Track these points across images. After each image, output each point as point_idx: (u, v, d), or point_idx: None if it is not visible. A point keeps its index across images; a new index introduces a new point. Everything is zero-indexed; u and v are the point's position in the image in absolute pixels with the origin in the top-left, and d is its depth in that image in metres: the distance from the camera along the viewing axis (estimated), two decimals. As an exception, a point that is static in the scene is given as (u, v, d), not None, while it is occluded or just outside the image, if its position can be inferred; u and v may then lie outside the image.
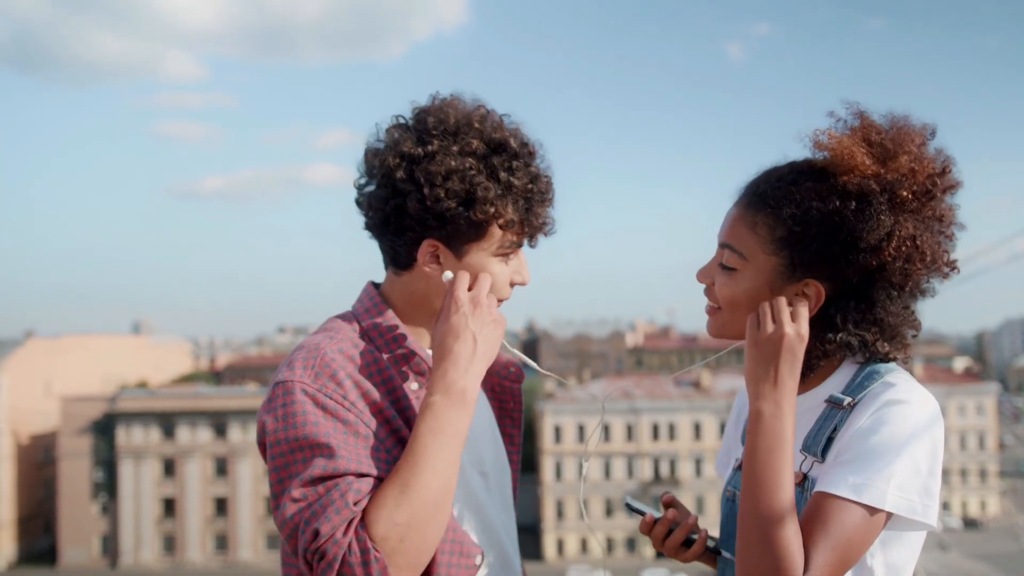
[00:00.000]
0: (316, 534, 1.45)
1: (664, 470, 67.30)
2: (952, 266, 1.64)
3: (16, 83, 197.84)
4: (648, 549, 65.01)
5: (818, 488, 1.50)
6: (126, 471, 65.25)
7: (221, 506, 65.86)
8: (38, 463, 71.52)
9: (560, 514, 66.68)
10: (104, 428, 65.74)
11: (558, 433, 67.42)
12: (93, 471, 66.19)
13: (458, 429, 1.57)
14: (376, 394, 1.63)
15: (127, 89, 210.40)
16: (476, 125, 1.67)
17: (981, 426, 74.59)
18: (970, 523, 72.64)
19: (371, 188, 1.71)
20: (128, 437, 65.39)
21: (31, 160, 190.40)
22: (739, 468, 1.78)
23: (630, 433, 68.00)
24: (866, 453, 1.49)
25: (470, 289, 1.69)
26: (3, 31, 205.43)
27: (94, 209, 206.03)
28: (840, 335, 1.62)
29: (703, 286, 1.77)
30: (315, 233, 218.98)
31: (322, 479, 1.50)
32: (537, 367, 2.01)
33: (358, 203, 1.75)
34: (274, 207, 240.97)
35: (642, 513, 1.78)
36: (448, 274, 1.68)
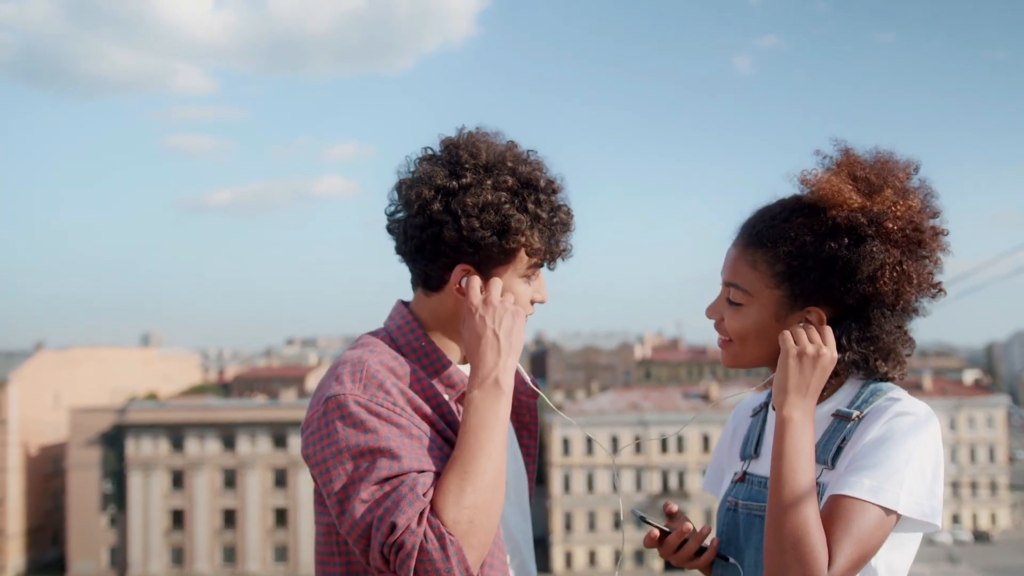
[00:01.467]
0: (393, 527, 1.55)
1: (673, 482, 67.25)
2: (938, 287, 1.78)
3: (28, 97, 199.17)
4: (656, 562, 64.88)
5: (836, 492, 1.62)
6: (135, 483, 65.44)
7: (229, 518, 65.98)
8: (47, 474, 71.80)
9: (568, 527, 66.57)
10: (113, 440, 65.97)
11: (566, 446, 67.40)
12: (102, 483, 66.42)
13: (499, 416, 1.70)
14: (419, 401, 1.74)
15: (138, 102, 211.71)
16: (509, 163, 1.81)
17: (991, 439, 74.36)
18: (980, 536, 72.31)
19: (403, 216, 1.83)
20: (137, 449, 65.61)
21: (43, 173, 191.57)
22: (740, 480, 1.90)
23: (638, 445, 67.96)
24: (880, 460, 1.62)
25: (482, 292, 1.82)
26: (16, 45, 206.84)
27: (104, 221, 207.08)
28: (847, 354, 1.74)
29: (712, 298, 1.90)
30: (323, 245, 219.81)
31: (388, 479, 1.60)
32: (544, 397, 2.08)
33: (390, 230, 1.88)
34: (283, 219, 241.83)
35: (653, 526, 1.87)
36: (464, 280, 1.81)
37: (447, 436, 1.75)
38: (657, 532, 1.86)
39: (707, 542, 1.85)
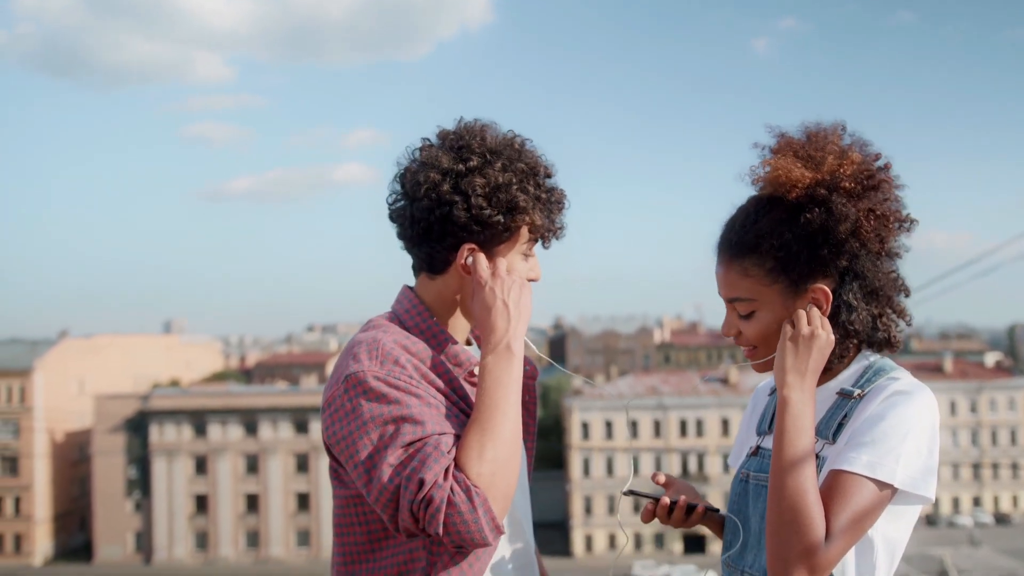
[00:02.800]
0: (421, 483, 1.64)
1: (692, 466, 67.22)
2: (910, 219, 1.87)
3: (48, 87, 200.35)
4: (676, 545, 64.96)
5: (835, 467, 1.71)
6: (159, 468, 66.13)
7: (252, 503, 66.58)
8: (73, 461, 72.58)
9: (588, 510, 66.70)
10: (137, 426, 66.63)
11: (586, 429, 67.46)
12: (127, 468, 67.15)
13: (513, 377, 1.82)
14: (432, 375, 1.85)
15: (157, 92, 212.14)
16: (516, 147, 1.95)
17: (1013, 421, 73.81)
18: (1001, 519, 71.96)
19: (406, 202, 1.94)
20: (161, 435, 66.28)
21: (64, 164, 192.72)
22: (754, 454, 2.00)
23: (658, 429, 67.97)
24: (878, 436, 1.70)
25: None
26: (35, 36, 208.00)
27: (126, 211, 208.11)
28: (855, 314, 1.83)
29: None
30: (343, 232, 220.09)
31: (412, 443, 1.70)
32: (560, 367, 2.28)
33: (392, 219, 1.98)
34: (303, 207, 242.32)
35: (643, 495, 2.00)
36: (469, 258, 1.92)
37: (461, 407, 1.86)
38: (651, 504, 1.99)
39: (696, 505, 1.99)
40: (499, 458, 1.71)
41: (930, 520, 71.55)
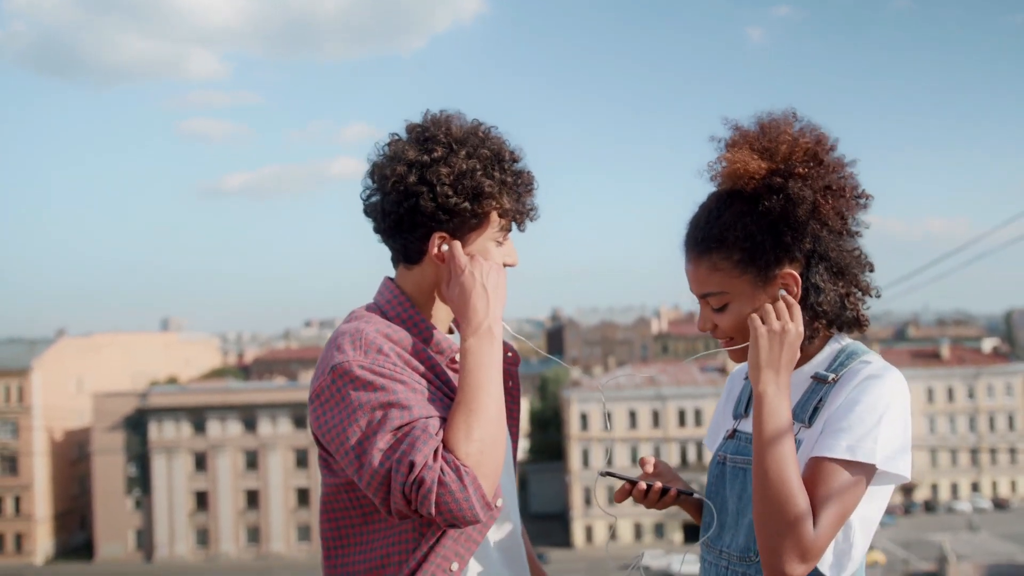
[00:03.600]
0: (411, 466, 1.67)
1: (691, 455, 67.35)
2: (865, 196, 1.92)
3: (43, 85, 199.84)
4: (676, 535, 65.12)
5: (816, 454, 1.76)
6: (159, 466, 66.17)
7: (252, 499, 66.68)
8: (72, 459, 72.56)
9: (588, 501, 66.81)
10: (136, 424, 66.62)
11: (584, 421, 67.56)
12: (126, 466, 67.15)
13: (494, 359, 1.85)
14: (416, 362, 1.89)
15: (152, 89, 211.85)
16: (480, 135, 1.98)
17: (1010, 406, 74.02)
18: (1000, 504, 72.21)
19: (379, 197, 1.98)
20: (160, 432, 66.29)
21: (60, 162, 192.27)
22: (730, 437, 2.05)
23: (656, 419, 68.08)
24: (854, 421, 1.75)
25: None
26: (29, 34, 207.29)
27: (122, 209, 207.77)
28: (823, 295, 1.87)
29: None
30: (339, 227, 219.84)
31: (401, 427, 1.73)
32: (548, 355, 2.31)
33: (367, 213, 2.02)
34: (299, 202, 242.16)
35: (619, 477, 2.01)
36: (444, 246, 1.95)
37: (445, 392, 1.90)
38: (627, 485, 2.01)
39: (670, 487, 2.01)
40: (486, 437, 1.74)
41: (929, 506, 71.84)
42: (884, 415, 1.75)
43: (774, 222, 1.85)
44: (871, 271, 1.95)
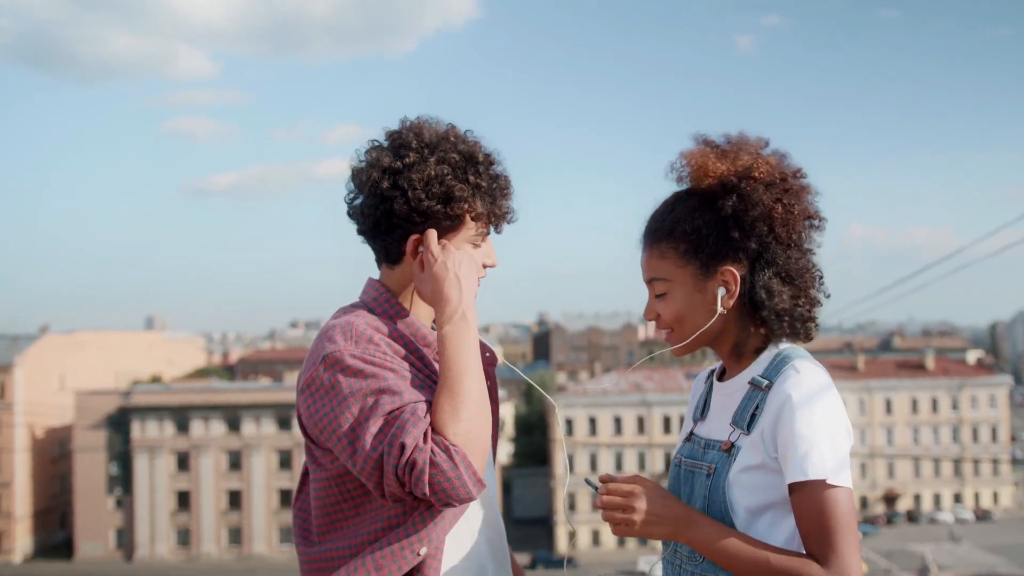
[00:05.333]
0: (403, 448, 1.72)
1: (676, 463, 67.30)
2: (819, 217, 1.96)
3: (29, 81, 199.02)
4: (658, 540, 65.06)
5: (792, 480, 1.76)
6: (141, 465, 65.79)
7: (235, 499, 66.37)
8: (53, 457, 72.18)
9: (572, 507, 66.88)
10: (119, 422, 66.27)
11: (570, 426, 67.59)
12: (108, 465, 66.76)
13: (471, 343, 1.91)
14: (404, 352, 1.95)
15: (139, 87, 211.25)
16: (451, 139, 2.03)
17: (994, 418, 74.46)
18: (981, 515, 72.54)
19: (360, 200, 2.05)
20: (142, 431, 65.94)
21: (45, 158, 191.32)
22: (687, 439, 2.07)
23: (641, 426, 68.15)
24: (799, 445, 1.76)
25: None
26: (16, 29, 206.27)
27: (107, 206, 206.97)
28: (776, 297, 1.90)
29: None
30: (326, 228, 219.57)
31: (391, 412, 1.78)
32: (513, 368, 2.41)
33: (350, 215, 2.09)
34: (285, 202, 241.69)
35: (593, 487, 2.00)
36: (422, 247, 2.00)
37: (434, 380, 1.96)
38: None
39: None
40: (472, 418, 1.80)
41: (911, 516, 72.14)
42: (821, 428, 1.76)
43: (723, 219, 1.91)
44: (821, 285, 1.97)
